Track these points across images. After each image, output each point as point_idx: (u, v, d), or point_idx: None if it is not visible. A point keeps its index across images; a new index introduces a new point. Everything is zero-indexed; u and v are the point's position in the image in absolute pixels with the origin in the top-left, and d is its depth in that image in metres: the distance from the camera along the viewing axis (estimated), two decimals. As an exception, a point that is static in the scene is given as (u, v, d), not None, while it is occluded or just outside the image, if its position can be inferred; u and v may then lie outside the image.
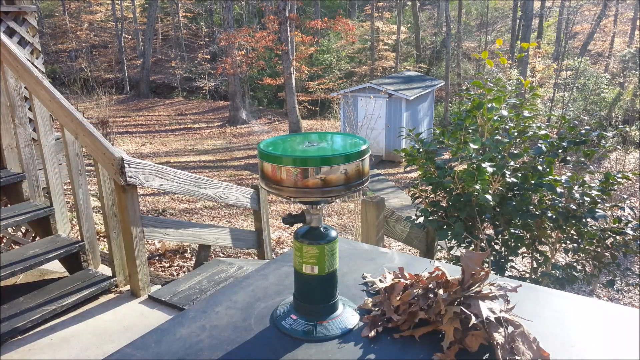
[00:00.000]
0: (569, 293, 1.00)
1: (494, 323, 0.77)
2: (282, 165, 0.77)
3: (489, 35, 26.35)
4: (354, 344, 0.82)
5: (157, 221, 2.87)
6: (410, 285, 0.92)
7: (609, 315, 0.91)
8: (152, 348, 0.84)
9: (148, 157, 13.53)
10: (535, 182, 2.52)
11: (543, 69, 19.40)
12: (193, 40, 27.70)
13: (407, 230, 3.11)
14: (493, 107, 2.66)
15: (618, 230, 2.58)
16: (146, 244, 3.73)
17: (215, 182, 3.13)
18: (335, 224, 8.19)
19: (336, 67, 23.29)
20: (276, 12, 16.66)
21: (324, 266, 0.85)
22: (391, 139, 13.62)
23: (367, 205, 2.71)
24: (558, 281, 2.59)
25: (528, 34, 18.91)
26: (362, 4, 28.12)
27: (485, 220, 2.66)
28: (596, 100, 18.19)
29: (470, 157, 2.55)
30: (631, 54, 20.80)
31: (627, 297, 5.02)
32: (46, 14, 26.28)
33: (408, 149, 2.95)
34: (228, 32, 17.20)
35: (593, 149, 2.64)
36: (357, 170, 0.79)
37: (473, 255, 0.83)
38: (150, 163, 2.57)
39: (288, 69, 15.67)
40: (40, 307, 2.35)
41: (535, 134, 2.71)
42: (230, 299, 1.00)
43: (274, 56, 18.51)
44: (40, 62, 3.29)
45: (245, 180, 11.54)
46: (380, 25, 24.50)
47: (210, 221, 8.00)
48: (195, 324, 0.91)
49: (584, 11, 26.13)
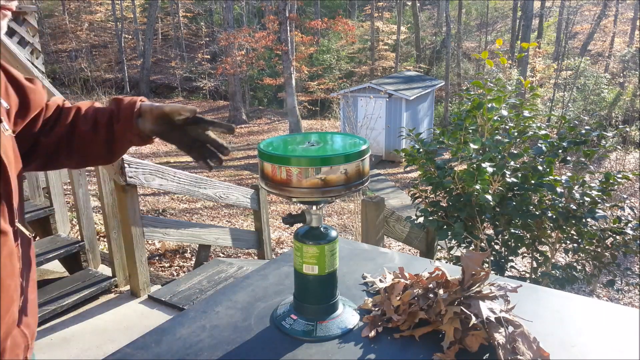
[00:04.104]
0: (569, 293, 1.00)
1: (494, 323, 0.77)
2: (282, 165, 0.77)
3: (489, 35, 26.36)
4: (354, 344, 0.82)
5: (157, 221, 2.87)
6: (410, 285, 0.92)
7: (609, 315, 0.91)
8: (152, 348, 0.84)
9: (148, 157, 13.53)
10: (535, 182, 2.52)
11: (543, 69, 19.39)
12: (193, 40, 27.70)
13: (407, 230, 3.11)
14: (493, 107, 2.66)
15: (618, 230, 2.58)
16: (146, 244, 3.73)
17: (215, 182, 3.13)
18: (335, 224, 8.20)
19: (336, 67, 23.29)
20: (276, 12, 16.65)
21: (324, 266, 0.85)
22: (391, 139, 13.61)
23: (367, 205, 2.71)
24: (558, 281, 2.59)
25: (528, 34, 18.91)
26: (362, 4, 28.11)
27: (485, 220, 2.66)
28: (596, 100, 18.19)
29: (470, 157, 2.55)
30: (631, 54, 20.80)
31: (627, 297, 5.03)
32: (46, 14, 26.26)
33: (408, 149, 2.95)
34: (228, 32, 17.21)
35: (593, 149, 2.64)
36: (357, 170, 0.79)
37: (473, 255, 0.83)
38: (150, 163, 2.57)
39: (288, 69, 15.67)
40: (40, 307, 2.35)
41: (535, 134, 2.71)
42: (230, 299, 1.00)
43: (274, 56, 18.50)
44: (40, 62, 3.29)
45: (245, 180, 11.54)
46: (380, 25, 24.50)
47: (210, 221, 8.00)
48: (195, 324, 0.91)
49: (584, 11, 26.13)
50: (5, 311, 0.74)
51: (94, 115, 0.97)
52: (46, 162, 0.99)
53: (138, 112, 0.93)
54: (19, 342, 0.80)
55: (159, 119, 0.92)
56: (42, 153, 0.97)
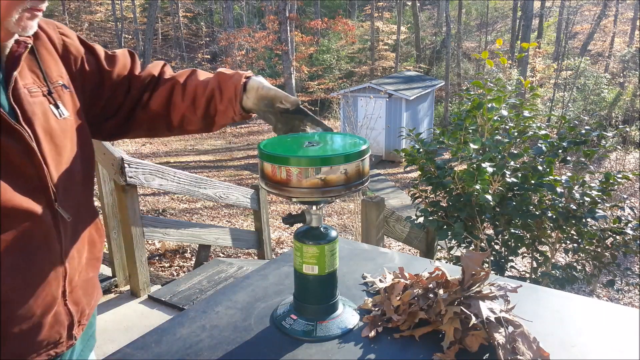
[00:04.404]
0: (569, 293, 1.00)
1: (494, 323, 0.77)
2: (282, 165, 0.77)
3: (489, 35, 26.35)
4: (354, 344, 0.82)
5: (157, 221, 2.87)
6: (410, 285, 0.92)
7: (609, 315, 0.91)
8: (152, 348, 0.84)
9: (148, 157, 13.53)
10: (535, 182, 2.52)
11: (543, 69, 19.39)
12: (193, 40, 27.71)
13: (407, 230, 3.11)
14: (493, 107, 2.66)
15: (618, 230, 2.58)
16: (146, 244, 3.73)
17: (215, 182, 3.13)
18: (335, 224, 8.20)
19: (336, 67, 23.28)
20: (276, 12, 16.65)
21: (324, 266, 0.85)
22: (391, 139, 13.61)
23: (367, 205, 2.71)
24: (558, 281, 2.59)
25: (528, 34, 18.91)
26: (362, 4, 28.11)
27: (485, 220, 2.65)
28: (596, 100, 18.18)
29: (470, 157, 2.55)
30: (631, 54, 20.80)
31: (627, 297, 5.02)
32: (46, 14, 25.96)
33: (408, 149, 2.95)
34: (228, 32, 17.21)
35: (593, 149, 2.64)
36: (357, 170, 0.79)
37: (473, 255, 0.83)
38: (150, 163, 2.57)
39: (288, 69, 15.67)
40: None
41: (535, 134, 2.71)
42: (230, 299, 1.00)
43: (274, 56, 18.51)
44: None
45: (245, 180, 11.54)
46: (380, 25, 24.49)
47: (210, 221, 8.00)
48: (195, 324, 0.91)
49: (584, 11, 26.13)
50: (39, 287, 0.76)
51: (194, 91, 0.97)
52: (147, 132, 1.02)
53: (242, 89, 0.93)
54: (62, 320, 0.83)
55: (261, 100, 0.92)
56: (141, 125, 1.00)
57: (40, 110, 0.78)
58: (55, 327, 0.81)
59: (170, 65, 1.06)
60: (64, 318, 0.83)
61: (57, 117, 0.81)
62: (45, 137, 0.77)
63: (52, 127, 0.79)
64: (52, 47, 0.86)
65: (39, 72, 0.81)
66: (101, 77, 0.94)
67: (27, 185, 0.74)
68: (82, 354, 0.95)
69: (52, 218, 0.77)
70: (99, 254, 0.94)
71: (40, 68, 0.82)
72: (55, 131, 0.80)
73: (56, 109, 0.81)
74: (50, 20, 0.90)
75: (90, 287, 0.92)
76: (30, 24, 0.75)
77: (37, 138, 0.76)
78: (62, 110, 0.82)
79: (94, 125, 0.95)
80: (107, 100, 0.96)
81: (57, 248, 0.79)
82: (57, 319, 0.81)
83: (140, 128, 1.01)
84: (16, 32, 0.74)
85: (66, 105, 0.84)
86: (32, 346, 0.78)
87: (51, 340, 0.81)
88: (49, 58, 0.85)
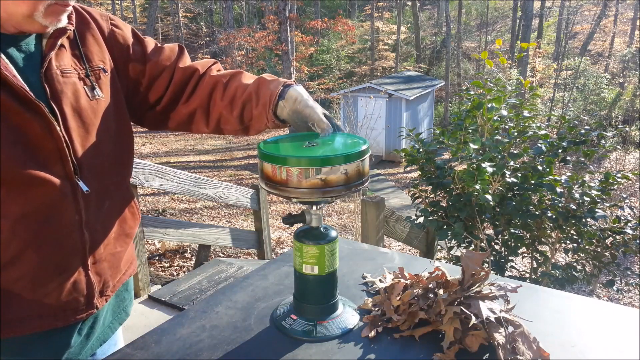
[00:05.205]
0: (569, 293, 1.00)
1: (494, 323, 0.77)
2: (282, 165, 0.77)
3: (489, 35, 26.35)
4: (354, 344, 0.82)
5: (157, 221, 2.87)
6: (410, 285, 0.92)
7: (609, 315, 0.91)
8: (152, 348, 0.84)
9: (148, 157, 13.52)
10: (535, 182, 2.52)
11: (543, 69, 19.39)
12: (193, 40, 27.70)
13: (407, 230, 3.11)
14: (493, 107, 2.66)
15: (618, 230, 2.58)
16: (146, 244, 3.74)
17: (215, 182, 3.13)
18: (335, 224, 8.19)
19: (336, 67, 23.28)
20: (276, 12, 16.64)
21: (324, 266, 0.85)
22: (391, 139, 13.60)
23: (367, 205, 2.71)
24: (558, 281, 2.59)
25: (528, 34, 18.91)
26: (362, 4, 28.11)
27: (485, 220, 2.66)
28: (596, 100, 18.19)
29: (470, 157, 2.55)
30: (631, 54, 20.80)
31: (627, 297, 5.02)
32: (46, 13, 26.21)
33: (408, 149, 2.95)
34: (228, 32, 17.22)
35: (593, 149, 2.64)
36: (357, 171, 0.79)
37: (473, 255, 0.83)
38: (150, 163, 2.57)
39: (288, 69, 15.66)
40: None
41: (535, 134, 2.71)
42: (230, 299, 1.00)
43: (274, 56, 18.50)
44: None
45: (245, 180, 11.54)
46: (380, 25, 24.50)
47: (210, 221, 8.00)
48: (195, 324, 0.91)
49: (584, 11, 26.13)
50: (52, 251, 0.79)
51: (234, 91, 0.99)
52: (187, 127, 1.06)
53: (278, 96, 0.94)
54: (81, 288, 0.85)
55: (295, 114, 0.93)
56: (182, 118, 1.03)
57: (71, 90, 0.82)
58: (73, 294, 0.84)
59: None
60: (83, 286, 0.85)
61: (90, 98, 0.85)
62: (74, 115, 0.82)
63: (81, 106, 0.83)
64: (99, 35, 0.92)
65: (80, 56, 0.86)
66: (144, 65, 0.99)
67: (46, 156, 0.77)
68: (111, 325, 0.98)
69: (71, 189, 0.80)
70: (130, 231, 0.97)
71: (81, 52, 0.87)
72: (85, 110, 0.84)
73: (91, 90, 0.86)
74: (105, 13, 0.96)
75: (117, 261, 0.94)
76: (58, 17, 0.79)
77: (64, 115, 0.80)
78: (97, 92, 0.87)
79: (137, 112, 1.01)
80: (148, 87, 1.00)
81: (74, 218, 0.82)
82: (76, 287, 0.84)
83: (181, 121, 1.05)
84: (46, 24, 0.78)
85: (102, 87, 0.88)
86: (47, 308, 0.81)
87: (69, 306, 0.84)
88: (93, 43, 0.90)
